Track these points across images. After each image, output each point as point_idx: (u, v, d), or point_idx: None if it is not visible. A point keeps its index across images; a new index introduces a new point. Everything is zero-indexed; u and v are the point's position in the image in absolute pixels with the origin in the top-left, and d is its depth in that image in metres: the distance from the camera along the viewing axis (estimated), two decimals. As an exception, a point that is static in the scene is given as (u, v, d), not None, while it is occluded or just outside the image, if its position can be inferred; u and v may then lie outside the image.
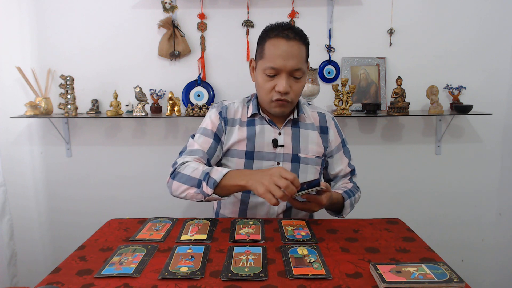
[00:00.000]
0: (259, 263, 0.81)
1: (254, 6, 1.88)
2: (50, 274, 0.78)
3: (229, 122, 1.23)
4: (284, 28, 1.13)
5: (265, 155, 1.21)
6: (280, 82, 1.12)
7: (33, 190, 2.03)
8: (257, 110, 1.23)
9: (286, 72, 1.12)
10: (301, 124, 1.26)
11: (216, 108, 1.26)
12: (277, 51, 1.11)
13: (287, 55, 1.10)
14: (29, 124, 1.97)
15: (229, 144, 1.22)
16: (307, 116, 1.28)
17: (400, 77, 1.78)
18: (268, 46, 1.13)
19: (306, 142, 1.24)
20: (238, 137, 1.21)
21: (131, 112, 1.86)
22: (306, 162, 1.23)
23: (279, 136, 1.22)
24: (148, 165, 2.01)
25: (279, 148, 1.21)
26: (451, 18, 1.88)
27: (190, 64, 1.93)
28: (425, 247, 0.90)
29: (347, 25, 1.89)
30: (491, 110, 1.88)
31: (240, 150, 1.21)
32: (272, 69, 1.12)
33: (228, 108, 1.25)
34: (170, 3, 1.84)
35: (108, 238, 0.96)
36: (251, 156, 1.21)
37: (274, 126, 1.23)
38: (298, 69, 1.12)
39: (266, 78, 1.14)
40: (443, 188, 2.02)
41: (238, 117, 1.25)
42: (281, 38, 1.11)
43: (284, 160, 1.22)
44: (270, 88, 1.14)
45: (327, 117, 1.31)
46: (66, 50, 1.91)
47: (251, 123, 1.23)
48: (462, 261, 2.07)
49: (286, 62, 1.10)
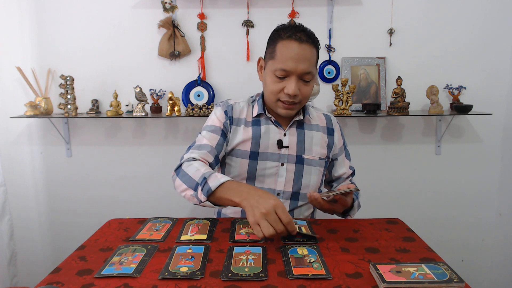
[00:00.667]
0: (259, 263, 0.80)
1: (254, 6, 1.88)
2: (50, 274, 0.78)
3: (234, 122, 1.22)
4: (297, 30, 1.12)
5: (270, 155, 1.20)
6: (289, 84, 1.11)
7: (33, 190, 2.03)
8: (262, 110, 1.22)
9: (296, 75, 1.11)
10: (306, 126, 1.25)
11: (221, 107, 1.24)
12: (289, 53, 1.10)
13: (298, 58, 1.09)
14: (29, 124, 1.97)
15: (234, 144, 1.21)
16: (313, 118, 1.27)
17: (400, 77, 1.78)
18: (280, 47, 1.12)
19: (310, 143, 1.23)
20: (243, 137, 1.20)
21: (131, 112, 1.86)
22: (310, 164, 1.22)
23: (284, 137, 1.22)
24: (148, 165, 2.01)
25: (283, 149, 1.21)
26: (451, 18, 1.88)
27: (190, 64, 1.93)
28: (425, 247, 0.90)
29: (347, 25, 1.89)
30: (491, 110, 1.88)
31: (244, 150, 1.20)
32: (283, 71, 1.11)
33: (234, 108, 1.24)
34: (170, 3, 1.84)
35: (108, 238, 0.96)
36: (255, 157, 1.20)
37: (280, 126, 1.22)
38: (309, 72, 1.11)
39: (275, 79, 1.13)
40: (443, 188, 2.02)
41: (243, 117, 1.23)
42: (294, 40, 1.10)
43: (288, 161, 1.21)
44: (278, 89, 1.13)
45: (332, 120, 1.32)
46: (66, 50, 1.91)
47: (256, 123, 1.22)
48: (462, 261, 2.07)
49: (297, 65, 1.09)
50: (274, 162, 1.21)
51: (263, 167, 1.20)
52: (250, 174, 1.21)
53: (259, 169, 1.20)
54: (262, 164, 1.20)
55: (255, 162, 1.20)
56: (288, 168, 1.21)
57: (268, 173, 1.21)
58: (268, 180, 1.22)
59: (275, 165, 1.21)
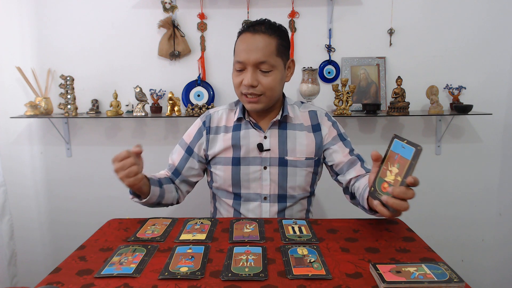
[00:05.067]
0: (259, 263, 0.81)
1: (254, 6, 1.88)
2: (50, 274, 0.78)
3: (212, 131, 1.24)
4: (255, 24, 1.14)
5: (252, 160, 1.20)
6: (246, 76, 1.12)
7: (33, 190, 2.03)
8: (242, 114, 1.21)
9: (250, 65, 1.11)
10: (289, 125, 1.22)
11: (201, 118, 1.28)
12: (242, 45, 1.12)
13: (250, 48, 1.10)
14: (29, 124, 1.97)
15: (216, 153, 1.22)
16: (295, 117, 1.24)
17: (400, 77, 1.78)
18: (237, 43, 1.16)
19: (294, 144, 1.20)
20: (223, 145, 1.21)
21: (131, 112, 1.86)
22: (295, 165, 1.20)
23: (265, 140, 1.20)
24: (148, 165, 1.99)
25: (265, 152, 1.19)
26: (451, 18, 1.88)
27: (190, 64, 1.93)
28: (425, 247, 0.90)
29: (347, 25, 1.89)
30: (491, 110, 1.88)
31: (226, 157, 1.21)
32: (238, 63, 1.13)
33: (212, 117, 1.26)
34: (170, 3, 1.85)
35: (108, 238, 0.96)
36: (237, 162, 1.20)
37: (259, 129, 1.20)
38: (263, 62, 1.10)
39: (236, 73, 1.16)
40: (443, 188, 2.02)
41: (222, 125, 1.24)
42: (248, 32, 1.13)
43: (271, 164, 1.20)
44: (238, 83, 1.15)
45: (318, 114, 1.26)
46: (66, 50, 1.91)
47: (237, 128, 1.22)
48: (462, 261, 2.07)
49: (249, 55, 1.10)
50: (257, 166, 1.20)
51: (246, 172, 1.20)
52: (234, 181, 1.21)
53: (243, 174, 1.20)
54: (245, 169, 1.20)
55: (238, 168, 1.20)
56: (272, 171, 1.20)
57: (252, 178, 1.20)
58: (253, 184, 1.21)
59: (258, 169, 1.20)
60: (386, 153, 0.82)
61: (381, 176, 0.82)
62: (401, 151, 0.78)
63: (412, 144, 0.76)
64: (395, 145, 0.80)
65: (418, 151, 0.75)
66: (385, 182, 0.80)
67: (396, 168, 0.79)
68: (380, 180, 0.82)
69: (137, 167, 1.00)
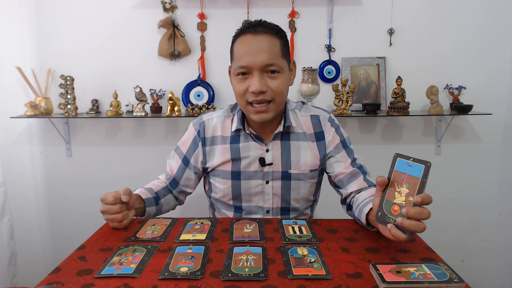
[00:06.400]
0: (259, 263, 0.80)
1: (254, 6, 1.88)
2: (50, 274, 0.78)
3: (207, 142, 1.15)
4: (252, 25, 1.04)
5: (252, 174, 1.12)
6: (252, 81, 1.01)
7: (33, 190, 2.03)
8: (241, 125, 1.11)
9: (257, 69, 1.00)
10: (292, 136, 1.13)
11: (194, 127, 1.18)
12: (244, 48, 1.01)
13: (255, 50, 1.00)
14: (29, 124, 1.97)
15: (214, 165, 1.15)
16: (298, 125, 1.14)
17: (400, 77, 1.78)
18: (236, 46, 1.05)
19: (298, 156, 1.12)
20: (222, 159, 1.13)
21: (131, 112, 1.86)
22: (298, 178, 1.13)
23: (267, 154, 1.11)
24: (148, 165, 2.01)
25: (267, 166, 1.11)
26: (451, 18, 1.88)
27: (190, 64, 1.93)
28: (425, 247, 0.90)
29: (347, 25, 1.89)
30: (491, 110, 1.88)
31: (225, 170, 1.13)
32: (242, 68, 1.01)
33: (206, 126, 1.16)
34: (170, 3, 1.85)
35: (108, 238, 0.96)
36: (237, 177, 1.13)
37: (261, 142, 1.12)
38: (271, 64, 1.00)
39: (238, 80, 1.04)
40: (443, 188, 2.02)
41: (218, 134, 1.14)
42: (248, 33, 1.02)
43: (273, 178, 1.13)
44: (243, 90, 1.03)
45: (321, 119, 1.16)
46: (66, 50, 1.91)
47: (235, 139, 1.12)
48: (462, 261, 2.07)
49: (254, 58, 0.99)
50: (259, 181, 1.13)
51: (247, 186, 1.13)
52: (235, 194, 1.15)
53: (244, 189, 1.14)
54: (246, 184, 1.13)
55: (238, 182, 1.13)
56: (274, 185, 1.13)
57: (254, 192, 1.14)
58: (255, 198, 1.16)
59: (260, 184, 1.13)
60: (390, 175, 0.79)
61: (388, 199, 0.78)
62: (408, 169, 0.75)
63: (420, 161, 0.74)
64: (399, 165, 0.78)
65: (428, 167, 0.72)
66: (395, 205, 0.77)
67: (405, 188, 0.76)
68: (388, 203, 0.78)
69: (122, 215, 0.96)
